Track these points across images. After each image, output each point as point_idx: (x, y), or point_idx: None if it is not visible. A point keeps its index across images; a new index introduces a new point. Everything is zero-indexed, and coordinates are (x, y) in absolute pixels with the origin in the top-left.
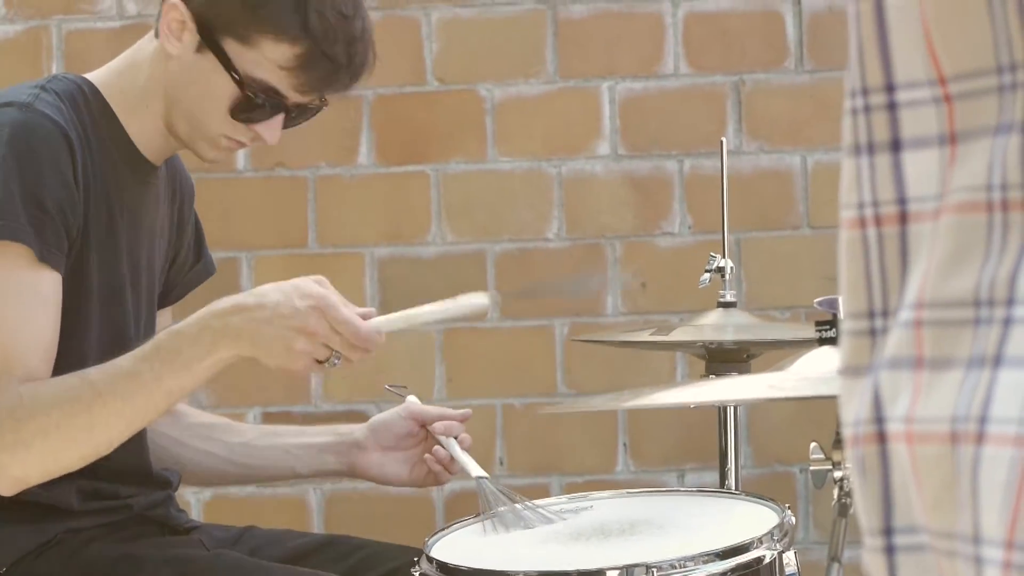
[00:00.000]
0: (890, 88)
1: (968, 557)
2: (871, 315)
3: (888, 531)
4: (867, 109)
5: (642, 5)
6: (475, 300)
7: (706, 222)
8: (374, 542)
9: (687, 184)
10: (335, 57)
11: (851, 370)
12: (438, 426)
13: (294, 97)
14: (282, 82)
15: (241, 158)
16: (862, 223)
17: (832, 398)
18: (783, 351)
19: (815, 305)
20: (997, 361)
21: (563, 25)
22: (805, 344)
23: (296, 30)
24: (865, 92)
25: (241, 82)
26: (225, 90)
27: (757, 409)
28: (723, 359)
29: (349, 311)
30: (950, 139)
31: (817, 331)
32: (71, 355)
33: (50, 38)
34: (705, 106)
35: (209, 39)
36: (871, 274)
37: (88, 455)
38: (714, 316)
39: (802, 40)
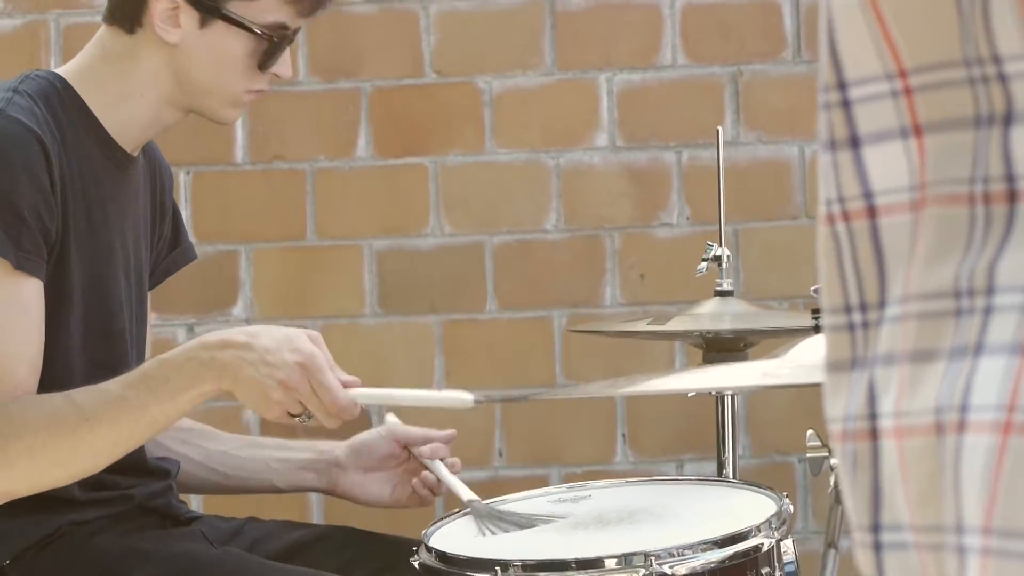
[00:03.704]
0: (842, 86)
1: (953, 548)
2: (848, 310)
3: (876, 527)
4: (827, 106)
5: None
6: (458, 395)
7: (704, 213)
8: (374, 533)
9: (685, 175)
10: None
11: (833, 365)
12: (424, 450)
13: (297, 23)
14: (288, 14)
15: (239, 151)
16: (831, 219)
17: None
18: (780, 340)
19: (812, 293)
20: (978, 350)
21: (561, 17)
22: (802, 332)
23: None
24: (826, 89)
25: (260, 35)
26: (242, 48)
27: (755, 399)
28: (720, 348)
29: (332, 377)
30: (914, 131)
31: (813, 318)
32: (53, 353)
33: (48, 32)
34: (703, 97)
35: (213, 11)
36: (844, 269)
37: (75, 475)
38: (711, 305)
39: (799, 31)
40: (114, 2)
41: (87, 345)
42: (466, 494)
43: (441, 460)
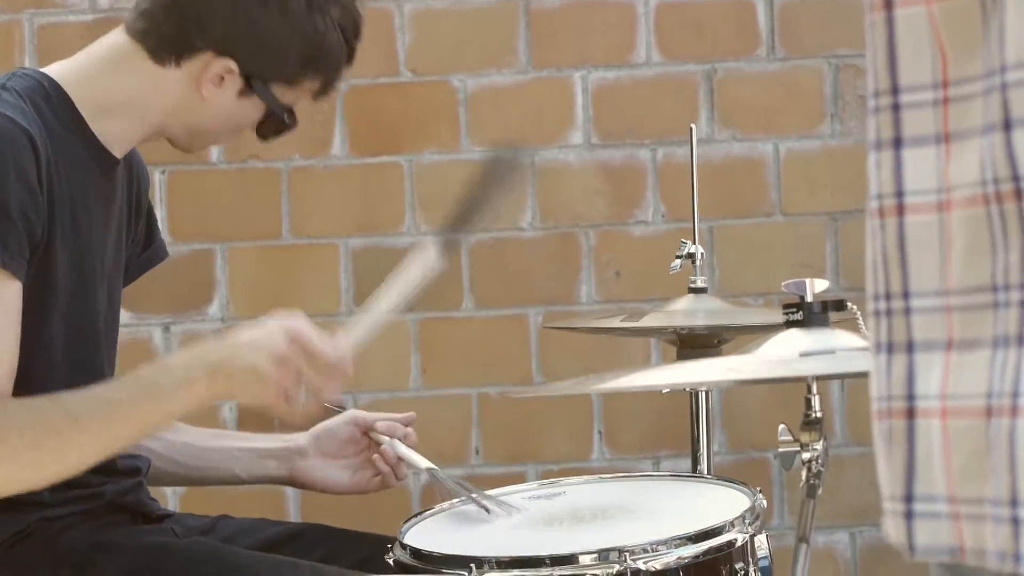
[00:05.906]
0: (895, 91)
1: (1002, 519)
2: (876, 298)
3: (909, 497)
4: (877, 110)
5: None
6: (425, 260)
7: (679, 210)
8: (348, 530)
9: (660, 173)
10: (351, 63)
11: (873, 348)
12: (380, 425)
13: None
14: (307, 100)
15: (215, 150)
16: (874, 213)
17: (793, 380)
18: (754, 336)
19: (783, 288)
20: (1020, 340)
21: (535, 15)
22: (775, 329)
23: (344, 67)
24: (877, 94)
25: (279, 115)
26: (258, 118)
27: (730, 395)
28: (694, 344)
29: (319, 333)
30: (945, 138)
31: (784, 314)
32: (35, 353)
33: (22, 32)
34: (677, 95)
35: (257, 88)
36: (876, 260)
37: (53, 478)
38: (685, 302)
39: (773, 28)
40: (155, 25)
41: (70, 345)
42: (423, 463)
43: (399, 440)
